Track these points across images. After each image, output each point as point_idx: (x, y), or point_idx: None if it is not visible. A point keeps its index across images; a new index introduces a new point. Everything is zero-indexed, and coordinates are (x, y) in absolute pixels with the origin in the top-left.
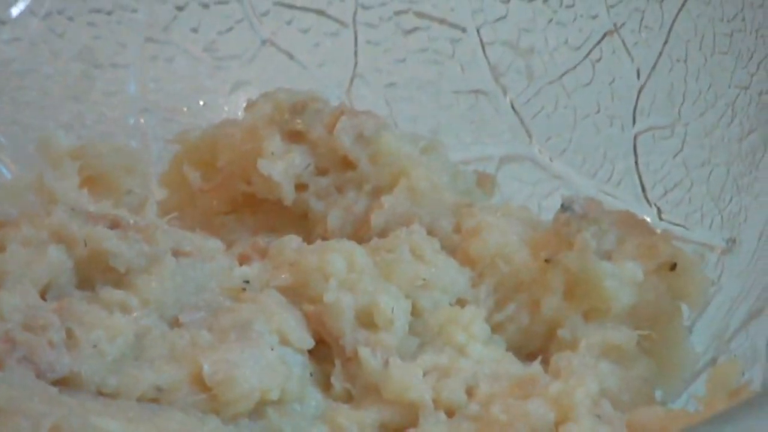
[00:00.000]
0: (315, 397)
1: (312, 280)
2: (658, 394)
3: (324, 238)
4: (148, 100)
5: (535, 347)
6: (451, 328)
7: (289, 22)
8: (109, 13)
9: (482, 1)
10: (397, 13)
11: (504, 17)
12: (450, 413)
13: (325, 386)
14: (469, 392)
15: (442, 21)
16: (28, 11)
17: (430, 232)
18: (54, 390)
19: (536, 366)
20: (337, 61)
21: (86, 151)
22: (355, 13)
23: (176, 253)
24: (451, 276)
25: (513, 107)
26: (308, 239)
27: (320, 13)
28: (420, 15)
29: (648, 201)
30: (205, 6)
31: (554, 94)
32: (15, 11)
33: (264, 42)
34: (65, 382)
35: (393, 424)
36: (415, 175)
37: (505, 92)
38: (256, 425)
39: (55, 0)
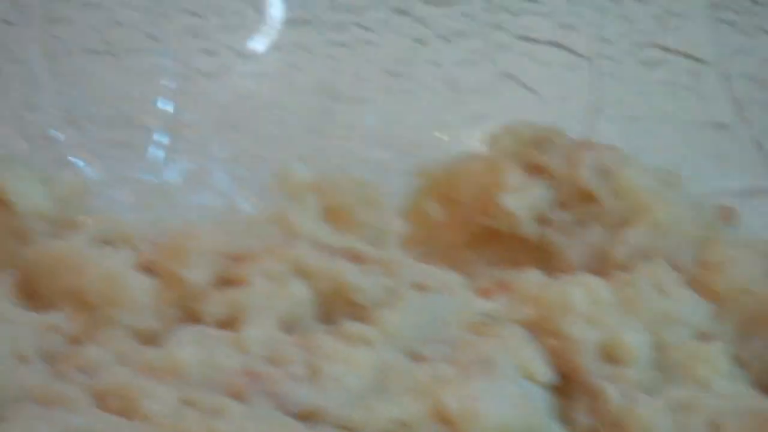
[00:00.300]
0: None
1: (554, 314)
2: None
3: (565, 272)
4: (388, 134)
5: None
6: (694, 362)
7: (529, 56)
8: (350, 47)
9: (725, 34)
10: (638, 46)
11: (747, 50)
12: None
13: (568, 421)
14: (714, 429)
15: (683, 54)
16: (270, 45)
17: (672, 266)
18: (300, 425)
19: None
20: (578, 95)
21: (327, 184)
22: (596, 47)
23: (417, 287)
24: (694, 310)
25: (756, 141)
26: (549, 273)
27: (561, 46)
28: (661, 48)
29: None
30: (446, 39)
31: None
32: (256, 46)
33: (505, 75)
34: (307, 416)
35: None
36: (657, 208)
37: (748, 125)
38: None
39: (295, 34)
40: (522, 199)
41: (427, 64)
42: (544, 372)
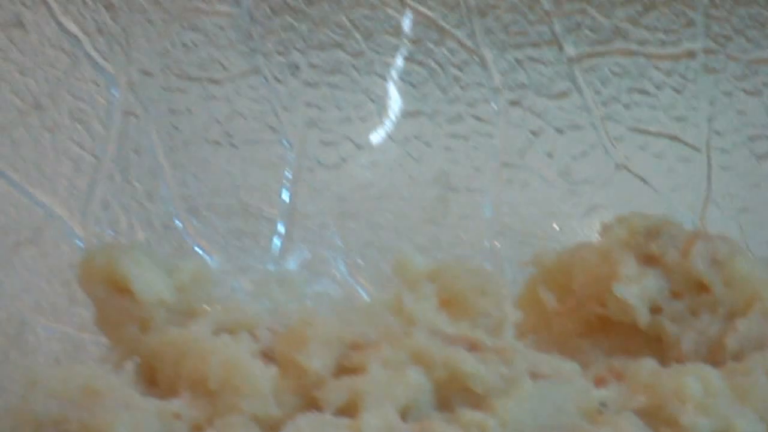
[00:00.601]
0: None
1: (668, 403)
2: None
3: (678, 361)
4: (503, 223)
5: None
6: None
7: (642, 147)
8: (465, 138)
9: None
10: (751, 138)
11: None
12: None
13: None
14: None
15: None
16: (387, 137)
17: None
18: None
19: None
20: (690, 186)
21: (442, 273)
22: (708, 139)
23: (533, 375)
24: None
25: None
26: (663, 361)
27: (674, 138)
28: None
29: None
30: (560, 131)
31: None
32: (374, 138)
33: (618, 166)
34: None
35: None
36: None
37: None
38: None
39: (412, 125)
40: (635, 289)
41: (541, 155)
42: None
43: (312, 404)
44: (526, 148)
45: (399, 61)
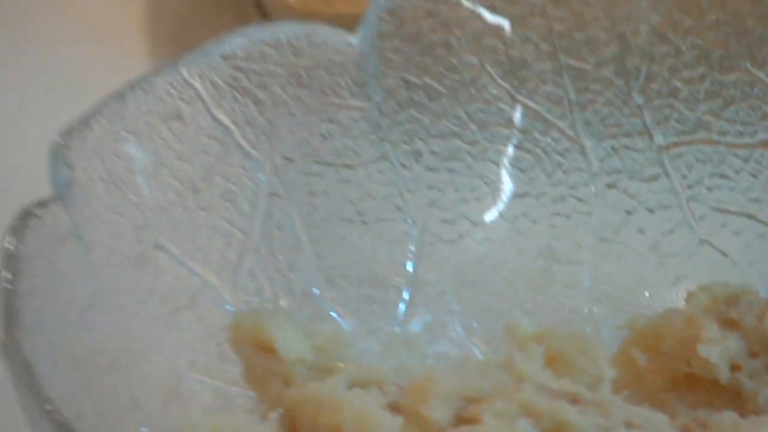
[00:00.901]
0: None
1: None
2: None
3: (756, 414)
4: (600, 291)
5: None
6: None
7: (723, 225)
8: (567, 217)
9: None
10: None
11: None
12: None
13: None
14: None
15: None
16: (499, 216)
17: None
18: None
19: None
20: (765, 259)
21: (548, 335)
22: None
23: (628, 425)
24: None
25: None
26: (742, 414)
27: (751, 216)
28: None
29: None
30: (650, 210)
31: None
32: (488, 216)
33: (701, 242)
34: None
35: None
36: None
37: None
38: None
39: (520, 205)
40: (717, 350)
41: (634, 232)
42: None
43: None
44: (621, 225)
45: (510, 149)
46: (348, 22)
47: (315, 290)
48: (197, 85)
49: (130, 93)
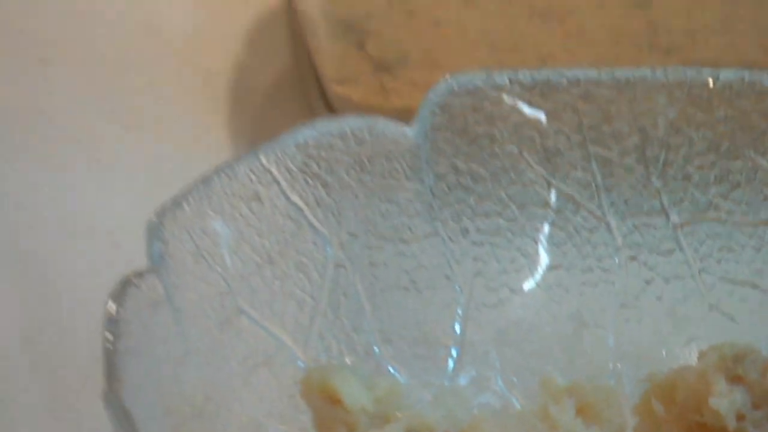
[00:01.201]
0: None
1: None
2: None
3: None
4: (623, 350)
5: None
6: None
7: (730, 293)
8: (594, 285)
9: None
10: None
11: None
12: None
13: None
14: None
15: None
16: (535, 285)
17: None
18: None
19: None
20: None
21: (577, 388)
22: None
23: None
24: None
25: None
26: None
27: (754, 285)
28: None
29: None
30: (667, 280)
31: None
32: (526, 285)
33: (711, 307)
34: None
35: None
36: None
37: None
38: None
39: (554, 275)
40: (726, 402)
41: (652, 299)
42: None
43: None
44: (641, 293)
45: (545, 227)
46: (404, 115)
47: (375, 349)
48: (274, 170)
49: (216, 177)
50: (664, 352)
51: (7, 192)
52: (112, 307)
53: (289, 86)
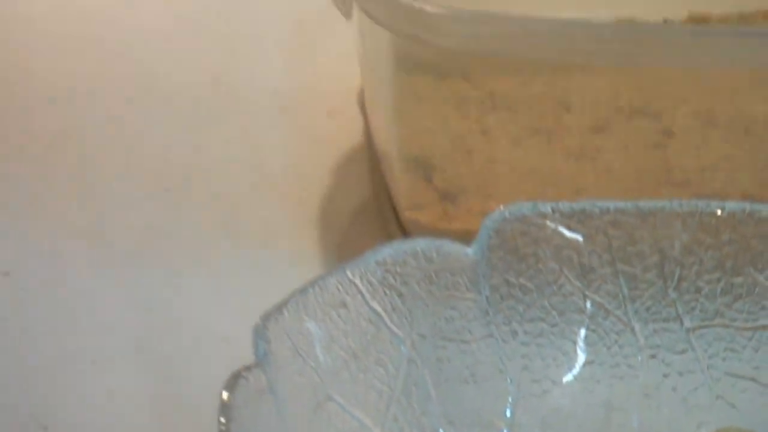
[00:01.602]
0: None
1: None
2: None
3: None
4: (649, 429)
5: None
6: None
7: (733, 385)
8: (621, 378)
9: None
10: None
11: None
12: None
13: None
14: None
15: None
16: (573, 378)
17: None
18: None
19: None
20: (765, 410)
21: None
22: None
23: None
24: None
25: None
26: None
27: (753, 380)
28: None
29: None
30: (680, 374)
31: None
32: (565, 378)
33: (717, 397)
34: None
35: None
36: None
37: None
38: None
39: (589, 370)
40: None
41: (669, 390)
42: None
43: None
44: (660, 384)
45: (582, 331)
46: (464, 237)
47: (441, 430)
48: (358, 282)
49: (310, 288)
50: None
51: (137, 298)
52: (225, 395)
53: (369, 213)
